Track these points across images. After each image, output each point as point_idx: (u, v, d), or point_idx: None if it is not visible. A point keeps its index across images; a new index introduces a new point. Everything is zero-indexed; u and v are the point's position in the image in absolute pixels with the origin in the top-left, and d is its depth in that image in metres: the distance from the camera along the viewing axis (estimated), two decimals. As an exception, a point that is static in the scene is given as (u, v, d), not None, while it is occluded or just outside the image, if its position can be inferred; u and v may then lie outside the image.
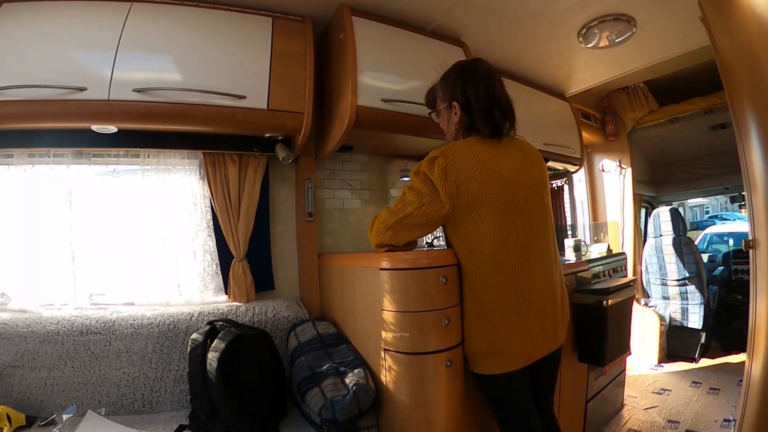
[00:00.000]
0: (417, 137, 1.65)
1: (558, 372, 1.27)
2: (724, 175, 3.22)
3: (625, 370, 2.28)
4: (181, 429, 1.22)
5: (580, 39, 1.92)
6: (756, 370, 1.29)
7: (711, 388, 2.41)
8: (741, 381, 1.39)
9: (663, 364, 2.86)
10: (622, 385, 2.28)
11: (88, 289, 1.54)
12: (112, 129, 1.34)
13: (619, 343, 1.86)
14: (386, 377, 1.18)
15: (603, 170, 3.15)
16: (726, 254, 3.82)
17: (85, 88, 1.23)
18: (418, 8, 1.60)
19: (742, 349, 1.38)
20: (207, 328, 1.33)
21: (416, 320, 1.12)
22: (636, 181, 3.08)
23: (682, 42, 1.97)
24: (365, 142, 1.81)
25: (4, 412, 1.14)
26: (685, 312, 2.96)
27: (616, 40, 1.91)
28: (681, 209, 3.44)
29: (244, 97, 1.38)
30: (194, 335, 1.32)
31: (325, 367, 1.27)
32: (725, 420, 2.01)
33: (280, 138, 1.60)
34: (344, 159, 1.97)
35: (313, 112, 1.48)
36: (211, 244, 1.62)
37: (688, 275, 2.95)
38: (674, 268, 3.01)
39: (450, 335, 1.12)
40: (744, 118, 1.30)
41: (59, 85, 1.21)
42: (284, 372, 1.39)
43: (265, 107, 1.41)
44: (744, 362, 1.37)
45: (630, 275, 2.54)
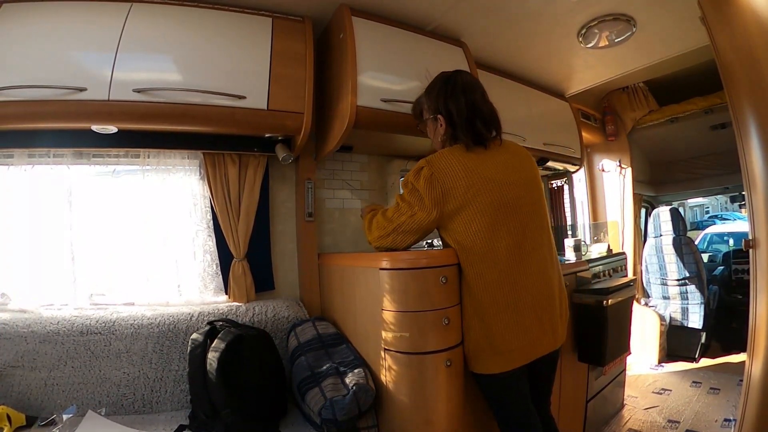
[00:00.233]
0: (417, 137, 1.63)
1: (556, 372, 1.27)
2: (724, 175, 3.22)
3: (625, 370, 2.28)
4: (181, 429, 1.22)
5: (580, 39, 1.92)
6: (756, 369, 1.29)
7: (711, 388, 2.41)
8: (741, 381, 1.39)
9: (663, 364, 2.86)
10: (623, 385, 2.28)
11: (89, 290, 1.54)
12: (112, 129, 1.34)
13: (619, 343, 1.86)
14: (386, 377, 1.18)
15: (603, 170, 3.15)
16: (726, 254, 3.82)
17: (85, 89, 1.23)
18: (418, 8, 1.60)
19: (743, 348, 1.38)
20: (207, 328, 1.33)
21: (416, 320, 1.12)
22: (636, 181, 3.08)
23: (682, 42, 1.97)
24: (365, 142, 1.81)
25: (5, 412, 1.14)
26: (685, 312, 2.96)
27: (616, 40, 1.91)
28: (681, 209, 3.44)
29: (244, 97, 1.38)
30: (194, 335, 1.32)
31: (325, 367, 1.27)
32: (725, 420, 2.01)
33: (280, 138, 1.60)
34: (344, 159, 1.97)
35: (313, 112, 1.48)
36: (211, 244, 1.63)
37: (688, 275, 2.95)
38: (674, 267, 3.00)
39: (450, 335, 1.13)
40: (744, 118, 1.30)
41: (59, 85, 1.21)
42: (284, 372, 1.39)
43: (265, 107, 1.41)
44: (744, 362, 1.37)
45: (630, 275, 2.54)
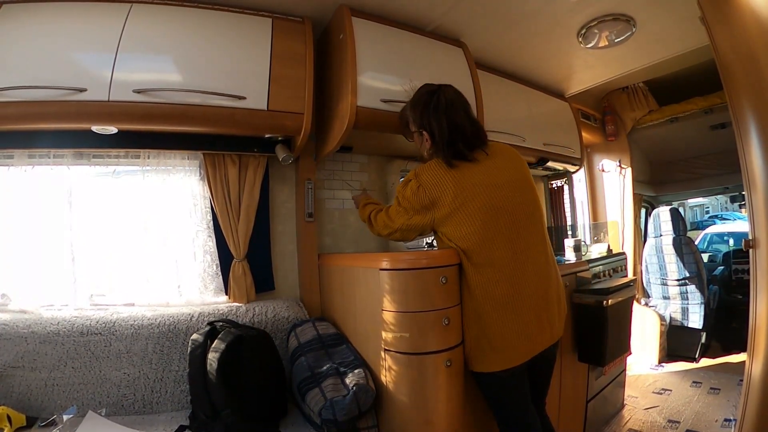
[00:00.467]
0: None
1: (553, 371, 1.28)
2: (724, 174, 3.22)
3: (625, 370, 2.28)
4: (181, 429, 1.22)
5: (580, 39, 1.92)
6: (756, 369, 1.29)
7: (711, 388, 2.41)
8: (741, 381, 1.39)
9: (663, 364, 2.86)
10: (623, 385, 2.28)
11: (89, 290, 1.54)
12: (112, 130, 1.34)
13: (619, 343, 1.86)
14: (386, 377, 1.18)
15: (603, 170, 3.15)
16: (726, 254, 3.82)
17: (85, 89, 1.23)
18: (418, 9, 1.60)
19: (743, 348, 1.38)
20: (207, 328, 1.33)
21: (416, 320, 1.12)
22: (636, 181, 3.08)
23: (682, 42, 1.97)
24: (365, 142, 1.81)
25: (5, 412, 1.14)
26: (685, 312, 2.96)
27: (616, 40, 1.91)
28: (681, 209, 3.44)
29: (244, 97, 1.38)
30: (194, 336, 1.32)
31: (325, 368, 1.27)
32: (726, 420, 2.01)
33: (280, 138, 1.60)
34: (344, 159, 1.97)
35: (312, 113, 1.48)
36: (211, 244, 1.63)
37: (688, 275, 2.95)
38: (674, 267, 3.00)
39: (450, 335, 1.13)
40: (744, 117, 1.30)
41: (59, 86, 1.21)
42: (284, 372, 1.39)
43: (265, 108, 1.41)
44: (744, 362, 1.37)
45: (630, 275, 2.54)
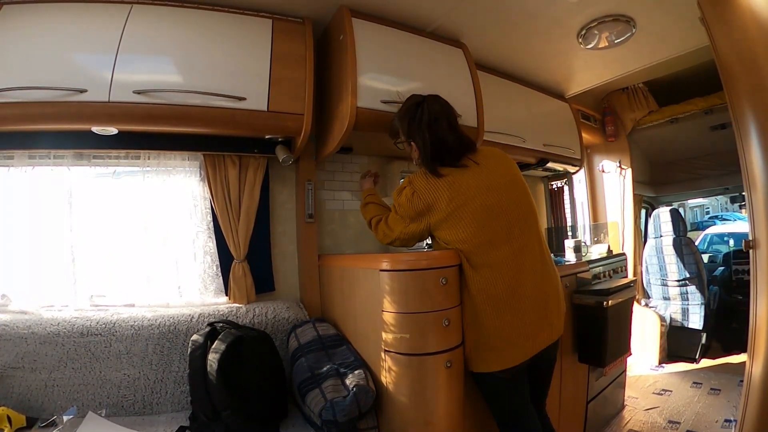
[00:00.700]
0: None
1: (554, 371, 1.28)
2: (724, 175, 3.22)
3: (625, 370, 2.28)
4: (181, 430, 1.22)
5: (580, 40, 1.92)
6: (756, 370, 1.29)
7: (712, 389, 2.41)
8: (742, 381, 1.39)
9: (664, 365, 2.86)
10: (623, 385, 2.27)
11: (89, 291, 1.55)
12: (113, 131, 1.34)
13: (619, 343, 1.86)
14: (386, 378, 1.18)
15: (603, 171, 3.15)
16: (726, 254, 3.81)
17: (86, 90, 1.23)
18: (418, 10, 1.60)
19: (743, 349, 1.38)
20: (207, 329, 1.33)
21: (416, 321, 1.12)
22: (636, 182, 3.08)
23: (682, 42, 1.97)
24: (365, 143, 1.81)
25: (5, 413, 1.14)
26: (685, 312, 2.95)
27: (616, 41, 1.91)
28: (681, 210, 3.44)
29: (245, 98, 1.38)
30: (194, 336, 1.32)
31: (325, 369, 1.27)
32: (726, 420, 2.01)
33: (280, 139, 1.60)
34: (344, 160, 1.97)
35: (313, 114, 1.48)
36: (212, 245, 1.63)
37: (688, 276, 2.94)
38: (674, 268, 3.00)
39: (450, 336, 1.13)
40: (744, 118, 1.30)
41: (59, 86, 1.21)
42: (284, 373, 1.38)
43: (266, 109, 1.41)
44: (745, 362, 1.37)
45: (630, 276, 2.54)
